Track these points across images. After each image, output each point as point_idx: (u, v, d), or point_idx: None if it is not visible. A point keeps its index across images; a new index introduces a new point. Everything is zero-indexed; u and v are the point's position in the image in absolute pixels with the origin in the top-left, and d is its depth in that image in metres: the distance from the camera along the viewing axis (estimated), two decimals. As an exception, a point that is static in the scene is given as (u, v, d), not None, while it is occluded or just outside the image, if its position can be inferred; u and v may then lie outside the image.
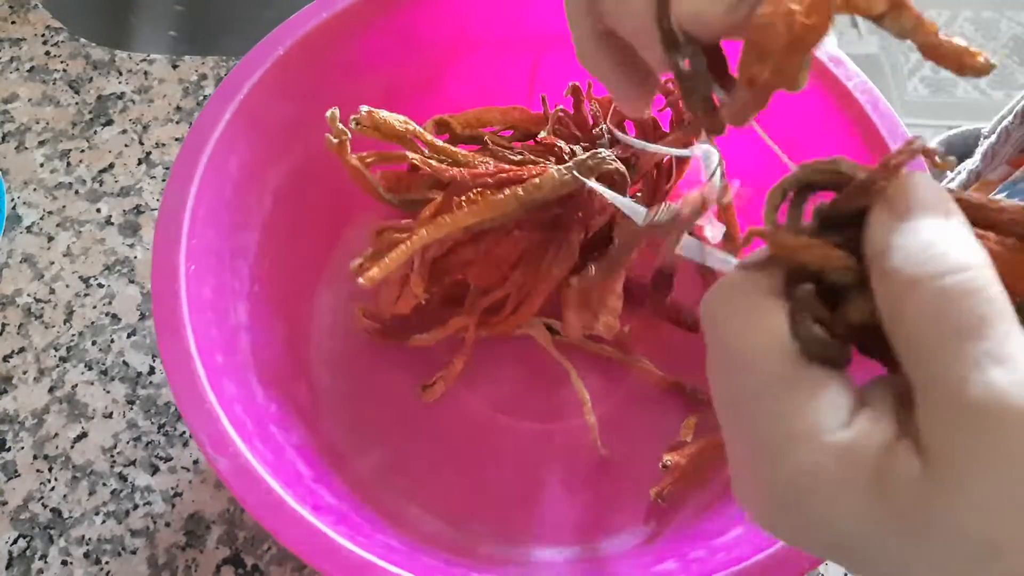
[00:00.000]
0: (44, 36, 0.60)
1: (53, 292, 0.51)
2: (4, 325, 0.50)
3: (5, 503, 0.45)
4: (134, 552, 0.43)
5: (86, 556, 0.43)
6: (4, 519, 0.44)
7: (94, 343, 0.49)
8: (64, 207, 0.54)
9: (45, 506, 0.45)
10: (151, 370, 0.48)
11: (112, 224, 0.53)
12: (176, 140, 0.56)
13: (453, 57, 0.49)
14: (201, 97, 0.58)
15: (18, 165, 0.55)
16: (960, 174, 0.59)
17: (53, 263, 0.52)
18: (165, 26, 0.72)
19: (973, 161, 0.58)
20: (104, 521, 0.44)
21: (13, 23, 0.61)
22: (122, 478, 0.45)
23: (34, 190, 0.54)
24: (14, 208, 0.53)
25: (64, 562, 0.43)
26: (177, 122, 0.57)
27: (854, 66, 0.43)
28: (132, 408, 0.47)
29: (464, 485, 0.44)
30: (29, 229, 0.53)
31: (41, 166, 0.55)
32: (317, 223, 0.48)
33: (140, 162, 0.55)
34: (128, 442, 0.46)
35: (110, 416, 0.47)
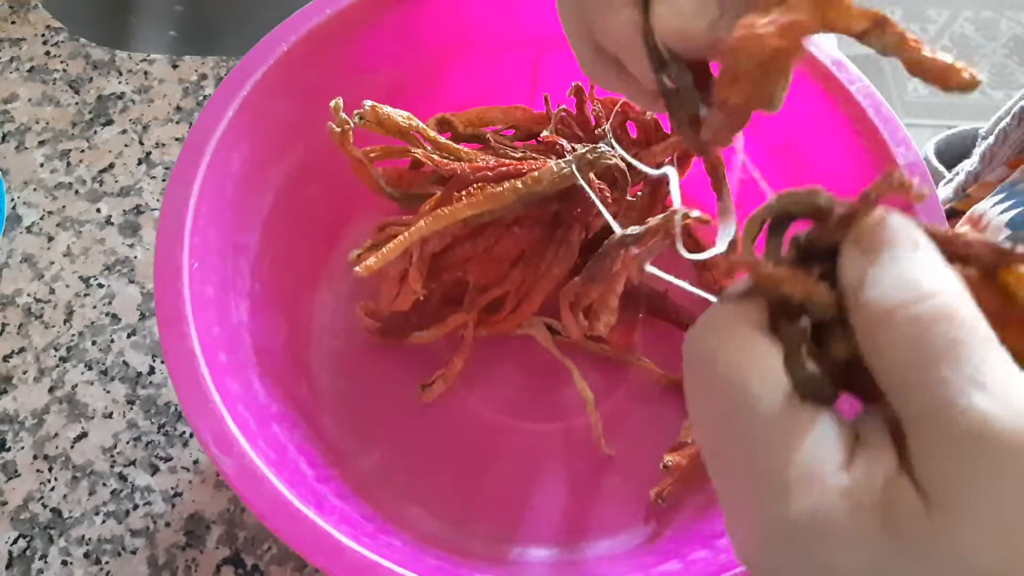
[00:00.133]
0: (44, 36, 0.60)
1: (53, 292, 0.51)
2: (4, 325, 0.50)
3: (5, 503, 0.44)
4: (134, 552, 0.43)
5: (86, 556, 0.43)
6: (4, 519, 0.44)
7: (94, 343, 0.49)
8: (64, 207, 0.54)
9: (45, 506, 0.44)
10: (151, 370, 0.48)
11: (112, 224, 0.53)
12: (176, 140, 0.56)
13: (455, 56, 0.49)
14: (201, 97, 0.58)
15: (18, 165, 0.55)
16: (958, 175, 0.59)
17: (53, 263, 0.52)
18: (165, 26, 0.72)
19: (971, 162, 0.57)
20: (104, 521, 0.44)
21: (13, 23, 0.61)
22: (122, 478, 0.45)
23: (34, 190, 0.54)
24: (14, 208, 0.53)
25: (64, 562, 0.43)
26: (177, 122, 0.57)
27: (856, 69, 0.43)
28: (132, 408, 0.47)
29: (464, 485, 0.44)
30: (29, 229, 0.53)
31: (41, 166, 0.55)
32: (318, 222, 0.48)
33: (140, 162, 0.55)
34: (128, 442, 0.46)
35: (110, 416, 0.47)
